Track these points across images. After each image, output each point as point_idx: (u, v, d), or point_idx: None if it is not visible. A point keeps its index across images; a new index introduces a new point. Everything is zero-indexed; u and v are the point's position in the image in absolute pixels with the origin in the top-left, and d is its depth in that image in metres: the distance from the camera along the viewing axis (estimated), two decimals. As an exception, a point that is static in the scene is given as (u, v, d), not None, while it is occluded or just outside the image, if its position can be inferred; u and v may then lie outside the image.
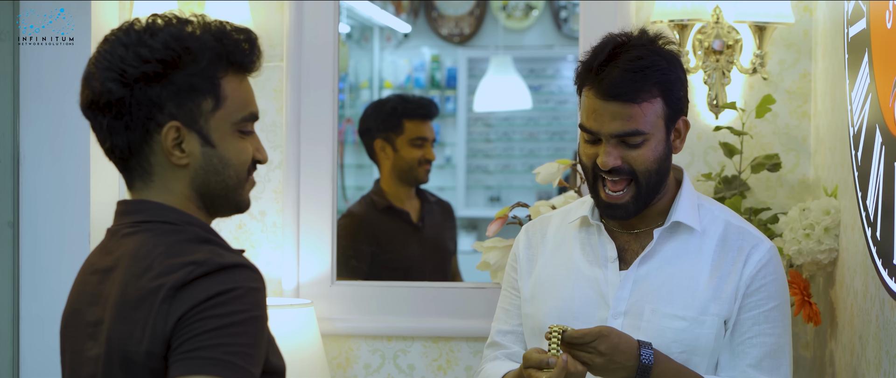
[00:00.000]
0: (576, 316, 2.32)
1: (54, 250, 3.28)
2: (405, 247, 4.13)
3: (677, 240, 2.33)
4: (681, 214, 2.31)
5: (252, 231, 3.50)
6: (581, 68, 2.29)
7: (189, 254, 1.74)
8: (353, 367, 3.49)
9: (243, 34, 1.83)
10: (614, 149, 2.25)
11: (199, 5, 3.44)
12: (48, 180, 3.29)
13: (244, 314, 1.69)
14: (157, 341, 1.70)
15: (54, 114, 3.28)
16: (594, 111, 2.25)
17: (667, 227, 2.32)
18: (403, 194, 4.09)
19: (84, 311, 1.85)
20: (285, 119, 3.48)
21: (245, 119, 1.83)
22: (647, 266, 2.32)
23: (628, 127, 2.24)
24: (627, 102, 2.23)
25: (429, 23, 6.56)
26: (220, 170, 1.82)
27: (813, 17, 3.34)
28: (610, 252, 2.34)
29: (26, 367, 3.28)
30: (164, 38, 1.77)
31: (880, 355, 2.50)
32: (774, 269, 2.33)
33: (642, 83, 2.24)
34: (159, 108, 1.78)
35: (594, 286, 2.34)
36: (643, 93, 2.24)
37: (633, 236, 2.36)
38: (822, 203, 3.00)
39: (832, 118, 3.04)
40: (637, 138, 2.25)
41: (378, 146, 4.09)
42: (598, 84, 2.23)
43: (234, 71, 1.82)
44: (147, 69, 1.77)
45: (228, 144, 1.82)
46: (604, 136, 2.25)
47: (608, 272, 2.33)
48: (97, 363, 1.79)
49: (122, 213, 1.86)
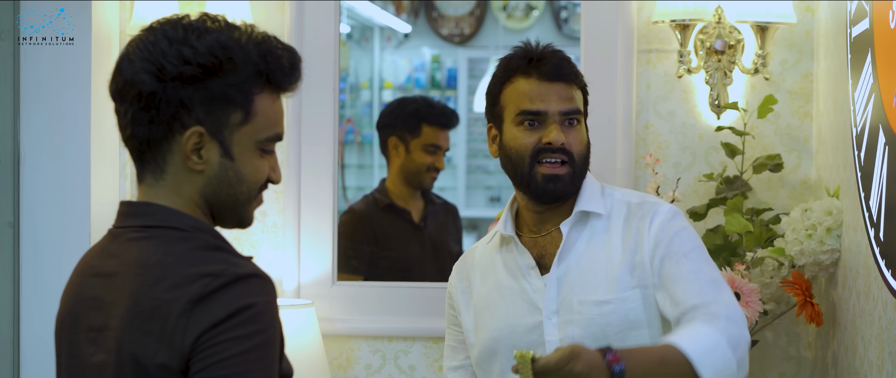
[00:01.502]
0: (513, 328, 2.40)
1: (55, 250, 3.27)
2: (404, 246, 4.13)
3: (587, 229, 2.40)
4: (584, 203, 2.40)
5: (253, 231, 3.50)
6: (514, 60, 2.42)
7: (203, 264, 1.72)
8: (354, 367, 3.49)
9: (287, 53, 1.80)
10: (559, 128, 2.37)
11: (199, 5, 3.43)
12: (48, 180, 3.28)
13: (263, 335, 1.70)
14: (175, 355, 1.69)
15: (54, 114, 3.28)
16: (539, 94, 2.37)
17: (573, 218, 2.40)
18: (407, 194, 4.09)
19: (83, 314, 1.82)
20: (286, 119, 3.47)
21: (270, 138, 1.81)
22: (566, 262, 2.39)
23: (572, 105, 2.38)
24: (569, 83, 2.39)
25: (429, 23, 6.55)
26: (233, 183, 1.80)
27: (815, 17, 3.34)
28: (527, 260, 2.42)
29: (26, 366, 3.28)
30: (210, 43, 1.74)
31: (883, 356, 2.49)
32: (680, 221, 2.39)
33: (575, 68, 2.43)
34: (188, 110, 1.75)
35: (523, 296, 2.41)
36: (577, 77, 2.42)
37: (546, 239, 2.43)
38: (825, 204, 2.99)
39: (834, 118, 3.04)
40: (577, 116, 2.39)
41: (391, 143, 4.10)
42: (540, 68, 2.38)
43: (270, 89, 1.80)
44: (186, 70, 1.74)
45: (247, 160, 1.80)
46: (551, 115, 2.36)
47: (531, 279, 2.41)
48: (103, 371, 1.77)
49: (126, 215, 1.84)
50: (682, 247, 2.35)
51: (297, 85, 1.83)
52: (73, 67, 3.28)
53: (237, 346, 1.67)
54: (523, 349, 2.08)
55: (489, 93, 2.46)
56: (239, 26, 1.78)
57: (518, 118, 2.38)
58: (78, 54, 3.28)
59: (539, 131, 2.37)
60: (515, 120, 2.39)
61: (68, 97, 3.29)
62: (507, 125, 2.40)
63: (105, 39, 3.36)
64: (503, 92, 2.42)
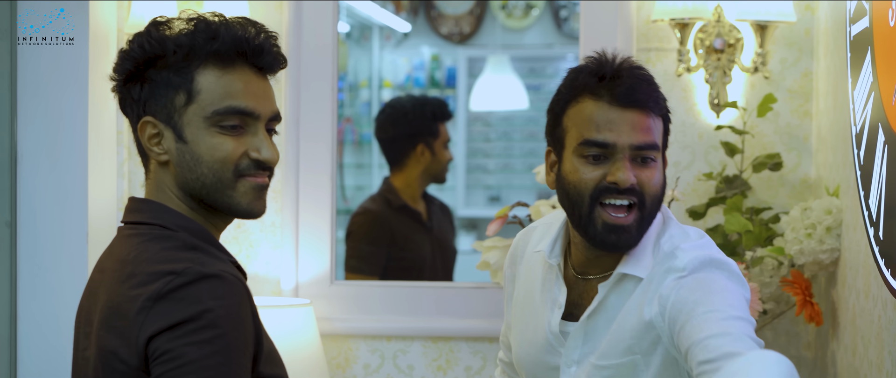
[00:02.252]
0: (535, 360, 2.19)
1: (52, 250, 3.27)
2: (418, 246, 4.14)
3: (624, 290, 2.09)
4: (628, 265, 2.07)
5: (251, 230, 3.50)
6: (583, 76, 2.07)
7: (169, 262, 1.73)
8: (353, 367, 3.48)
9: (241, 29, 1.82)
10: (629, 165, 2.02)
11: (197, 4, 3.43)
12: (46, 180, 3.28)
13: (224, 340, 1.67)
14: (132, 353, 1.70)
15: (52, 113, 3.28)
16: (608, 121, 2.02)
17: (613, 280, 2.08)
18: (416, 195, 4.10)
19: (85, 309, 1.86)
20: (284, 118, 3.46)
21: (219, 112, 1.79)
22: (595, 319, 2.11)
23: (648, 138, 2.02)
24: (645, 111, 2.03)
25: (428, 22, 6.55)
26: (192, 167, 1.80)
27: (814, 15, 3.33)
28: (559, 298, 2.14)
29: (24, 366, 3.27)
30: (140, 39, 1.82)
31: (882, 355, 2.49)
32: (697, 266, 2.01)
33: (657, 91, 2.07)
34: (143, 106, 1.82)
35: (545, 328, 2.18)
36: (657, 103, 2.06)
37: (588, 284, 2.14)
38: (824, 202, 2.99)
39: (834, 117, 3.03)
40: (653, 153, 2.03)
41: (419, 150, 4.10)
42: (613, 89, 2.03)
43: (214, 64, 1.80)
44: (127, 67, 1.82)
45: (199, 140, 1.80)
46: (621, 148, 2.02)
47: (553, 318, 2.14)
48: (89, 364, 1.80)
49: (128, 211, 1.89)
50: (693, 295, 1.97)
51: (239, 54, 1.80)
52: (70, 67, 3.28)
53: (197, 351, 1.65)
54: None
55: (551, 111, 2.12)
56: (179, 18, 1.83)
57: (581, 148, 2.03)
58: (76, 54, 3.27)
59: (605, 167, 2.02)
60: (578, 150, 2.04)
61: (66, 97, 3.28)
62: (568, 153, 2.06)
63: (103, 39, 3.36)
64: (567, 113, 2.07)
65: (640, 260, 2.06)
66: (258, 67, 1.83)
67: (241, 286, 1.73)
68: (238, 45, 1.80)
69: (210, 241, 1.81)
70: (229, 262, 1.79)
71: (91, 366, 1.78)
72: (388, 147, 4.18)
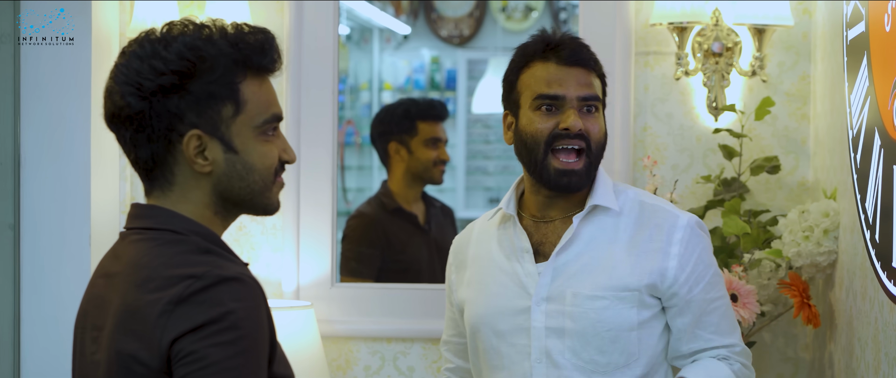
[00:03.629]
0: (500, 309, 2.41)
1: (55, 252, 3.28)
2: (413, 249, 4.14)
3: (594, 223, 2.38)
4: (598, 198, 2.37)
5: (252, 233, 3.51)
6: (532, 46, 2.39)
7: (188, 266, 1.74)
8: (353, 368, 3.50)
9: (261, 35, 1.82)
10: (577, 113, 2.34)
11: (199, 6, 3.44)
12: (49, 182, 3.29)
13: (246, 341, 1.70)
14: (154, 355, 1.71)
15: (55, 116, 3.29)
16: (557, 78, 2.35)
17: (586, 211, 2.37)
18: (411, 197, 4.10)
19: (90, 313, 1.86)
20: (285, 121, 3.48)
21: (267, 121, 1.82)
22: (566, 254, 2.37)
23: (591, 91, 2.36)
24: (587, 69, 2.37)
25: (428, 24, 6.56)
26: (244, 175, 1.82)
27: (812, 19, 3.34)
28: (523, 243, 2.40)
29: (27, 368, 3.29)
30: (178, 49, 1.77)
31: (879, 357, 2.50)
32: (698, 238, 2.39)
33: (593, 55, 2.41)
34: (180, 119, 1.77)
35: (514, 279, 2.41)
36: (596, 63, 2.40)
37: (549, 227, 2.41)
38: (822, 205, 3.00)
39: (831, 120, 3.04)
40: (596, 103, 2.36)
41: (392, 149, 4.11)
42: (559, 53, 2.36)
43: (252, 74, 1.81)
44: (163, 81, 1.76)
45: (252, 149, 1.81)
46: (569, 100, 2.34)
47: (525, 263, 2.39)
48: (99, 369, 1.80)
49: (133, 217, 1.87)
50: (705, 272, 2.38)
51: (278, 63, 1.84)
52: (73, 69, 3.29)
53: (221, 353, 1.67)
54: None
55: (506, 79, 2.44)
56: (206, 24, 1.80)
57: (535, 102, 2.36)
58: (78, 56, 3.28)
59: (556, 117, 2.35)
60: (532, 105, 2.36)
61: (68, 99, 3.29)
62: (524, 111, 2.38)
63: (105, 41, 3.37)
64: (520, 78, 2.40)
65: (606, 196, 2.38)
66: (270, 70, 1.86)
67: (258, 289, 1.75)
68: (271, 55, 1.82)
69: (220, 245, 1.83)
70: (244, 265, 1.81)
71: (102, 370, 1.78)
72: (375, 148, 4.23)
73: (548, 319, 2.36)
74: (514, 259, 2.41)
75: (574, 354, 2.34)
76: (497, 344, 2.40)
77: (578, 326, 2.34)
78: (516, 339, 2.38)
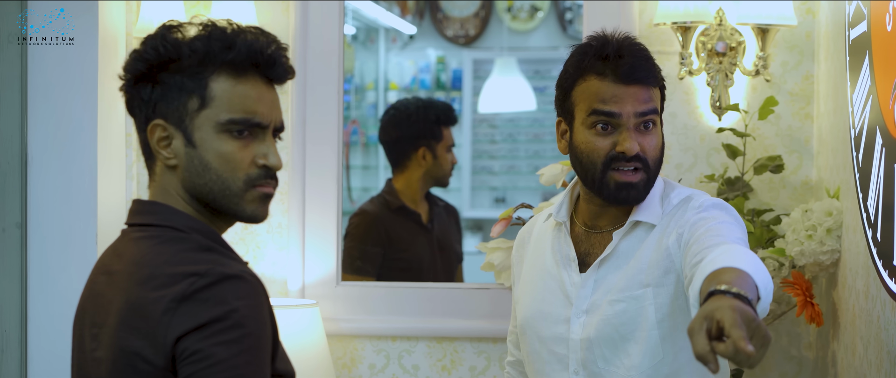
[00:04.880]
0: (544, 315, 2.38)
1: (62, 251, 3.30)
2: (416, 247, 4.15)
3: (635, 236, 2.32)
4: (640, 213, 2.31)
5: (257, 232, 3.52)
6: (589, 58, 2.29)
7: (190, 264, 1.75)
8: (358, 367, 3.51)
9: (243, 35, 1.82)
10: (634, 134, 2.26)
11: (205, 6, 3.46)
12: (56, 182, 3.30)
13: (250, 338, 1.71)
14: (159, 353, 1.72)
15: (62, 116, 3.30)
16: (614, 96, 2.26)
17: (626, 228, 2.32)
18: (417, 196, 4.11)
19: (89, 310, 1.87)
20: (291, 120, 3.49)
21: (233, 121, 1.81)
22: (605, 267, 2.33)
23: (649, 105, 2.27)
24: (645, 86, 2.27)
25: (434, 24, 6.57)
26: (201, 172, 1.82)
27: (815, 19, 3.35)
28: (570, 251, 2.36)
29: (34, 366, 3.30)
30: (153, 41, 1.82)
31: (881, 356, 2.51)
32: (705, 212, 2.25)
33: (654, 68, 2.31)
34: (152, 108, 1.82)
35: (560, 286, 2.37)
36: (654, 77, 2.30)
37: (597, 237, 2.37)
38: (825, 204, 3.01)
39: (834, 120, 3.05)
40: (653, 117, 2.28)
41: (421, 153, 4.11)
42: (616, 70, 2.25)
43: (228, 72, 1.82)
44: (138, 68, 1.82)
45: (209, 146, 1.81)
46: (626, 118, 2.25)
47: (571, 272, 2.36)
48: (101, 366, 1.81)
49: (134, 213, 1.89)
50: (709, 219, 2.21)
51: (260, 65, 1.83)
52: (79, 69, 3.30)
53: (226, 351, 1.68)
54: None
55: (560, 86, 2.36)
56: (192, 23, 1.83)
57: (590, 119, 2.28)
58: (84, 56, 3.30)
59: (613, 136, 2.27)
60: (587, 120, 2.28)
61: (75, 99, 3.31)
62: (578, 124, 2.31)
63: (111, 41, 3.39)
64: (575, 89, 2.31)
65: (651, 210, 2.31)
66: (268, 78, 1.86)
67: (260, 286, 1.76)
68: (253, 55, 1.82)
69: (221, 243, 1.83)
70: (245, 264, 1.82)
71: (105, 367, 1.79)
72: (391, 149, 4.20)
73: (584, 330, 2.32)
74: (563, 266, 2.38)
75: (606, 362, 2.30)
76: (539, 348, 2.38)
77: (601, 334, 2.30)
78: (556, 348, 2.36)
